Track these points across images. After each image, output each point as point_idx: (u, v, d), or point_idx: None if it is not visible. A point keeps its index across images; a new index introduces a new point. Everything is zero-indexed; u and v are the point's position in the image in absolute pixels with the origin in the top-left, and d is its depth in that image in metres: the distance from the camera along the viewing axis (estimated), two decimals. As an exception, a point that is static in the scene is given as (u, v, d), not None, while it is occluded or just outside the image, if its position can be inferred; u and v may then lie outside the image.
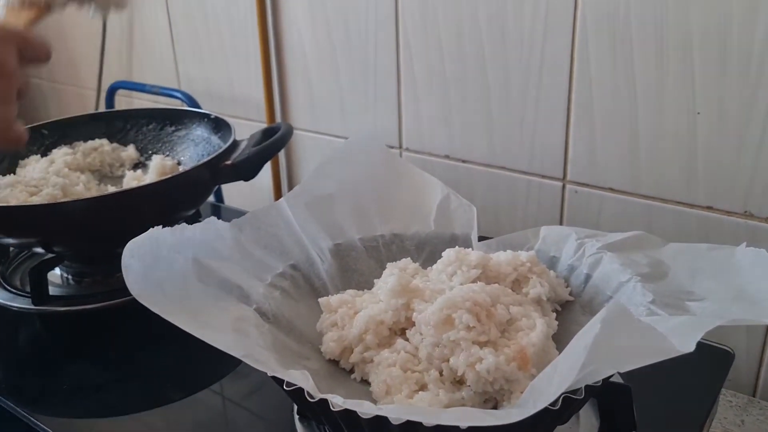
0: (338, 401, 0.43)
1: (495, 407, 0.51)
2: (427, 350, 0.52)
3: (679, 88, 0.76)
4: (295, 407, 0.59)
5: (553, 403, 0.43)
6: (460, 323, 0.51)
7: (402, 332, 0.57)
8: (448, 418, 0.42)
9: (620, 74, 0.79)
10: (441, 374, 0.52)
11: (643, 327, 0.47)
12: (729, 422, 0.71)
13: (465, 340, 0.50)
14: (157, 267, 0.51)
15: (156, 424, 0.65)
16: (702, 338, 0.69)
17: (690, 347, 0.45)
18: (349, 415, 0.43)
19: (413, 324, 0.56)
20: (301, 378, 0.45)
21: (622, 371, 0.46)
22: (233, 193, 1.22)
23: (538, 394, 0.44)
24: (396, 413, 0.42)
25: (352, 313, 0.58)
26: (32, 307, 0.77)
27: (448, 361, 0.52)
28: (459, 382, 0.52)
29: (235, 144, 0.85)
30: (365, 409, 0.42)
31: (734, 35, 0.71)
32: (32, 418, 0.63)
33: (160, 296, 0.49)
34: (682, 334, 0.46)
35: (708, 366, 0.68)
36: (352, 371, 0.57)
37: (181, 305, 0.50)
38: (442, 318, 0.52)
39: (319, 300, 0.61)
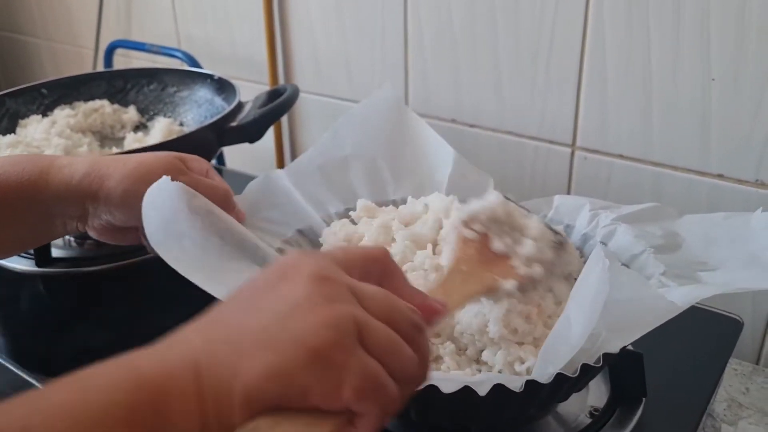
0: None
1: None
2: (456, 335, 0.50)
3: (694, 53, 0.74)
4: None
5: (573, 371, 0.43)
6: (507, 327, 0.49)
7: None
8: (467, 382, 0.41)
9: (635, 37, 0.77)
10: (458, 348, 0.51)
11: (632, 277, 0.47)
12: (734, 390, 0.72)
13: (507, 340, 0.48)
14: (176, 220, 0.50)
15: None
16: (710, 306, 0.70)
17: (680, 304, 0.44)
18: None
19: None
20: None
21: (628, 342, 0.46)
22: (235, 155, 1.20)
23: (555, 361, 0.44)
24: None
25: None
26: (35, 268, 0.76)
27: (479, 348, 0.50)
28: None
29: (240, 105, 0.84)
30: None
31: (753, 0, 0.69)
32: (35, 380, 0.63)
33: (178, 251, 0.48)
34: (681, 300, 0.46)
35: (716, 334, 0.68)
36: None
37: (197, 262, 0.49)
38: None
39: None
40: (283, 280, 0.36)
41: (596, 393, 0.58)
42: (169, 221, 0.49)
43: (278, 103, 0.82)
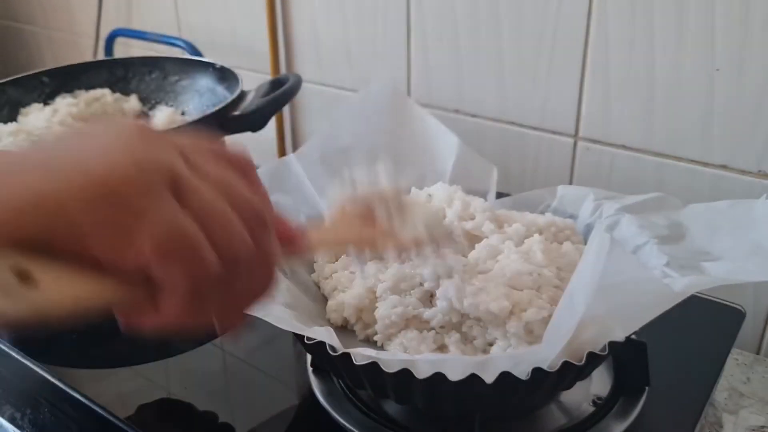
0: (370, 353, 0.42)
1: None
2: (464, 330, 0.50)
3: (698, 43, 0.74)
4: (309, 360, 0.59)
5: (579, 359, 0.43)
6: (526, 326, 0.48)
7: None
8: (477, 368, 0.41)
9: (638, 27, 0.77)
10: (465, 339, 0.51)
11: (633, 260, 0.47)
12: (735, 379, 0.72)
13: (519, 338, 0.48)
14: None
15: (163, 376, 0.64)
16: (712, 296, 0.70)
17: (679, 290, 0.44)
18: (373, 369, 0.43)
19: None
20: (325, 334, 0.45)
21: (633, 330, 0.46)
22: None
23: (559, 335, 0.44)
24: (421, 365, 0.42)
25: (348, 273, 0.57)
26: (38, 257, 0.76)
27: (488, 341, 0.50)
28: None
29: (243, 94, 0.84)
30: (395, 356, 0.42)
31: (758, -11, 0.69)
32: (38, 367, 0.63)
33: None
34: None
35: (718, 324, 0.68)
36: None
37: None
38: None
39: (314, 265, 0.60)
40: (96, 127, 0.29)
41: (599, 382, 0.59)
42: None
43: (281, 92, 0.82)
